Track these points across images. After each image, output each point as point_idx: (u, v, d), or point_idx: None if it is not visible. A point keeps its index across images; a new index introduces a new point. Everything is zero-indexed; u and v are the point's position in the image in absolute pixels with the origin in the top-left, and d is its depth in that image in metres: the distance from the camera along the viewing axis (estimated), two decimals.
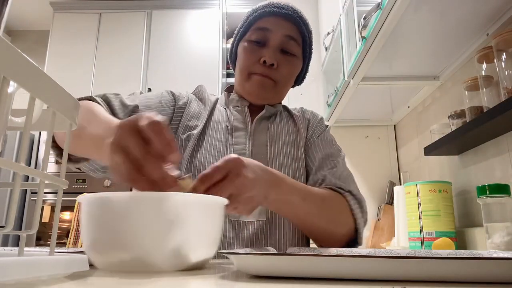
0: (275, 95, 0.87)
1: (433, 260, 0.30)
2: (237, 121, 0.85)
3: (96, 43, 2.77)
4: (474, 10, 1.10)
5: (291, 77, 0.88)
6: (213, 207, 0.44)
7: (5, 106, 0.26)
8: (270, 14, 0.84)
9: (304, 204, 0.67)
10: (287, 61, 0.85)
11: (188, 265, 0.42)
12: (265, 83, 0.83)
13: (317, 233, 0.73)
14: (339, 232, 0.72)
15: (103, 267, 0.41)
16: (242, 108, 0.87)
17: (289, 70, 0.86)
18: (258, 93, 0.85)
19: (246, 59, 0.84)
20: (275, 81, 0.84)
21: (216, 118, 0.86)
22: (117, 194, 0.40)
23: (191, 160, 0.79)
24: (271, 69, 0.83)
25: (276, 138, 0.86)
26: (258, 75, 0.83)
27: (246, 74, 0.85)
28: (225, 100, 0.91)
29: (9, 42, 0.23)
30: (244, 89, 0.87)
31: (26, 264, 0.24)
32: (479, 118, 1.06)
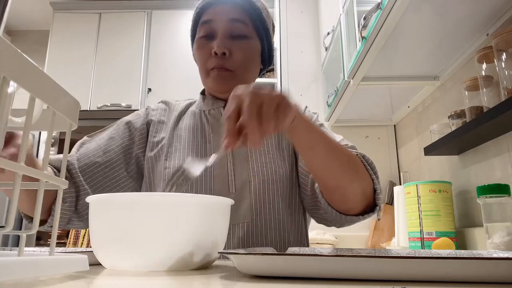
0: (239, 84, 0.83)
1: (433, 260, 0.30)
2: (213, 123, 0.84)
3: (96, 43, 2.77)
4: (474, 10, 1.09)
5: (249, 61, 0.83)
6: (218, 208, 0.45)
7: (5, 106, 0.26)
8: (210, 5, 0.82)
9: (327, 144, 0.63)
10: (239, 45, 0.81)
11: (194, 266, 0.42)
12: (223, 75, 0.80)
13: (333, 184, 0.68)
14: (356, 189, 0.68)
15: (110, 267, 0.42)
16: (217, 110, 0.85)
17: (244, 54, 0.81)
18: (220, 88, 0.81)
19: (200, 57, 0.83)
20: (232, 70, 0.80)
21: (189, 122, 0.85)
22: (124, 195, 0.41)
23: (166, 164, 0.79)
24: (224, 59, 0.79)
25: None
26: (215, 70, 0.80)
27: (204, 71, 0.82)
28: (201, 103, 0.89)
29: (9, 42, 0.23)
30: (208, 87, 0.84)
31: (26, 264, 0.24)
32: (479, 118, 1.06)
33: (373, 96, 1.77)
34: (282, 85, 2.31)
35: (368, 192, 0.71)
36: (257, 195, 0.77)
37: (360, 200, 0.70)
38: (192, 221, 0.41)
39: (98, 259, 0.43)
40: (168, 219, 0.40)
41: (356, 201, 0.70)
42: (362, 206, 0.71)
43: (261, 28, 0.85)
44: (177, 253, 0.40)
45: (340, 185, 0.67)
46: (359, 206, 0.71)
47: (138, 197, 0.41)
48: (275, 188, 0.79)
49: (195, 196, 0.43)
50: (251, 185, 0.78)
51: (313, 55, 2.38)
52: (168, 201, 0.41)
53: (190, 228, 0.41)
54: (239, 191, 0.77)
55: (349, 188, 0.68)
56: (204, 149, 0.81)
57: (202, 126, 0.84)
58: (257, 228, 0.75)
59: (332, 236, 1.89)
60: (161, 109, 0.90)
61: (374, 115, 2.06)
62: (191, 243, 0.41)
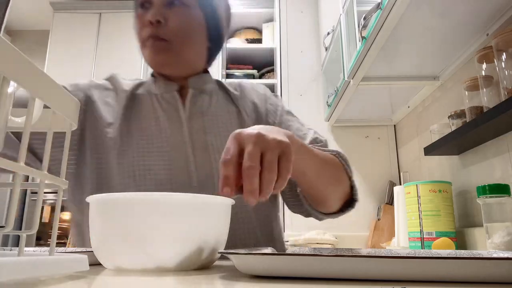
0: (176, 58, 0.75)
1: (433, 260, 0.30)
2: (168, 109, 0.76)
3: (96, 43, 2.77)
4: (474, 10, 1.10)
5: (188, 31, 0.75)
6: (220, 207, 0.45)
7: (5, 106, 0.26)
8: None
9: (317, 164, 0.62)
10: (176, 12, 0.74)
11: (194, 266, 0.42)
12: (157, 45, 0.73)
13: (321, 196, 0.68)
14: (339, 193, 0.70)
15: (111, 267, 0.42)
16: (171, 94, 0.78)
17: (181, 22, 0.74)
18: (156, 59, 0.74)
19: (137, 27, 0.76)
20: (167, 40, 0.73)
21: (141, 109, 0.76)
22: (125, 195, 0.41)
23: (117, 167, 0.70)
24: (160, 27, 0.72)
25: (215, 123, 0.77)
26: (149, 39, 0.73)
27: (140, 43, 0.76)
28: (151, 84, 0.80)
29: (9, 42, 0.23)
30: (146, 60, 0.76)
31: (26, 264, 0.24)
32: (479, 118, 1.06)
33: (373, 96, 1.77)
34: (282, 85, 2.31)
35: (347, 191, 0.72)
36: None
37: (341, 201, 0.72)
38: (193, 221, 0.41)
39: (98, 259, 0.43)
40: (169, 219, 0.40)
41: (338, 203, 0.71)
42: (341, 204, 0.73)
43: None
44: (178, 253, 0.40)
45: (326, 197, 0.69)
46: (339, 205, 0.73)
47: (140, 197, 0.41)
48: None
49: (197, 196, 0.43)
50: (214, 177, 0.71)
51: (313, 55, 2.38)
52: (169, 201, 0.41)
53: (192, 228, 0.41)
54: (201, 184, 0.70)
55: (333, 197, 0.69)
56: (160, 138, 0.73)
57: (155, 112, 0.76)
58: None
59: (332, 236, 1.89)
60: (105, 88, 0.80)
61: (374, 115, 2.06)
62: (192, 243, 0.41)
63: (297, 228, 2.00)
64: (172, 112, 0.76)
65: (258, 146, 0.46)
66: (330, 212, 0.73)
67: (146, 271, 0.39)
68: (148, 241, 0.39)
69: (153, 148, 0.72)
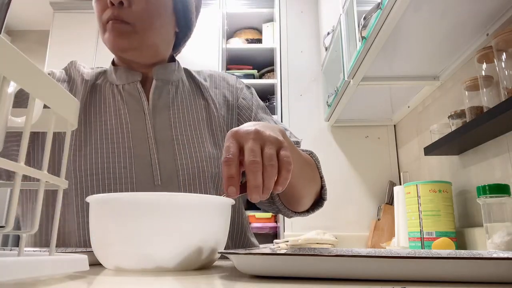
0: (141, 42, 0.70)
1: (433, 260, 0.30)
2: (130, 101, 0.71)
3: (96, 43, 2.77)
4: (474, 10, 1.09)
5: (154, 14, 0.69)
6: (220, 207, 0.45)
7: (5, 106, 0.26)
8: None
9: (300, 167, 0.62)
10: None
11: (194, 266, 0.42)
12: (119, 28, 0.67)
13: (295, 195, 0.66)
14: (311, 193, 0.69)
15: (111, 267, 0.42)
16: (133, 85, 0.72)
17: (146, 5, 0.68)
18: (117, 43, 0.68)
19: (96, 10, 0.70)
20: (130, 23, 0.67)
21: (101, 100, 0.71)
22: (125, 195, 0.41)
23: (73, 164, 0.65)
24: (122, 9, 0.66)
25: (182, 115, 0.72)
26: (110, 22, 0.67)
27: (101, 27, 0.70)
28: (113, 75, 0.74)
29: (9, 42, 0.23)
30: (106, 45, 0.71)
31: (26, 264, 0.24)
32: (479, 118, 1.06)
33: (373, 96, 1.77)
34: (282, 85, 2.31)
35: (318, 191, 0.72)
36: (186, 186, 0.67)
37: (312, 200, 0.72)
38: (193, 221, 0.41)
39: (98, 259, 0.43)
40: (169, 219, 0.40)
41: (309, 202, 0.71)
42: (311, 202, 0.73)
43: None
44: (178, 253, 0.40)
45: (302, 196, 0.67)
46: (310, 204, 0.72)
47: (140, 197, 0.41)
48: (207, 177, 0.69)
49: (197, 196, 0.43)
50: (179, 176, 0.67)
51: (313, 55, 2.38)
52: (169, 201, 0.41)
53: (192, 228, 0.41)
54: (165, 183, 0.67)
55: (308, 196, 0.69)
56: (121, 133, 0.68)
57: (116, 104, 0.71)
58: None
59: (332, 236, 1.89)
60: (63, 80, 0.75)
61: (374, 115, 2.06)
62: (192, 243, 0.41)
63: (297, 228, 2.00)
64: (135, 104, 0.71)
65: (257, 142, 0.46)
66: (301, 211, 0.73)
67: (146, 271, 0.39)
68: (148, 241, 0.39)
69: (113, 144, 0.67)
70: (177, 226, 0.40)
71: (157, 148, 0.68)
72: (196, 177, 0.68)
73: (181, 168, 0.68)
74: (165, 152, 0.69)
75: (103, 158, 0.66)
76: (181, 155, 0.69)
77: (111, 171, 0.66)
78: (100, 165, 0.65)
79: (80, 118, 0.69)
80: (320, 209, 0.75)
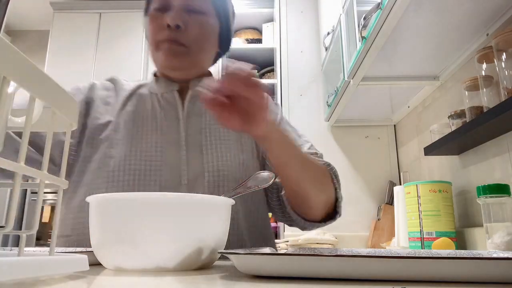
0: (192, 62, 0.77)
1: (433, 260, 0.30)
2: (167, 107, 0.77)
3: (96, 43, 2.77)
4: (474, 10, 1.09)
5: (206, 39, 0.77)
6: (220, 207, 0.45)
7: (5, 106, 0.26)
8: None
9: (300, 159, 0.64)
10: (195, 19, 0.74)
11: (194, 266, 0.42)
12: (175, 49, 0.74)
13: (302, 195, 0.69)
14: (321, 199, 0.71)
15: (110, 267, 0.42)
16: (171, 93, 0.78)
17: (201, 30, 0.75)
18: (171, 63, 0.75)
19: (151, 29, 0.76)
20: (186, 46, 0.74)
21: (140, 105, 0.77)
22: (125, 195, 0.41)
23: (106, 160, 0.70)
24: (178, 32, 0.73)
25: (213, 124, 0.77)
26: (165, 43, 0.73)
27: (154, 45, 0.76)
28: (153, 85, 0.81)
29: (9, 42, 0.23)
30: (157, 63, 0.78)
31: (26, 264, 0.24)
32: (479, 118, 1.06)
33: (373, 96, 1.77)
34: (282, 85, 2.31)
35: (330, 201, 0.73)
36: (211, 188, 0.71)
37: (323, 209, 0.73)
38: (193, 221, 0.41)
39: (98, 259, 0.43)
40: (169, 219, 0.40)
41: (320, 210, 0.72)
42: (324, 213, 0.74)
43: (220, 7, 0.79)
44: (178, 253, 0.40)
45: (308, 198, 0.69)
46: (322, 214, 0.74)
47: (140, 197, 0.41)
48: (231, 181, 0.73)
49: (197, 196, 0.43)
50: (204, 177, 0.71)
51: (313, 55, 2.38)
52: (169, 201, 0.41)
53: (192, 228, 0.41)
54: (191, 183, 0.70)
55: (316, 200, 0.70)
56: (156, 135, 0.73)
57: (154, 110, 0.76)
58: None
59: (332, 236, 1.89)
60: (107, 88, 0.81)
61: (374, 115, 2.06)
62: (192, 243, 0.41)
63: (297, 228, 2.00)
64: (171, 110, 0.77)
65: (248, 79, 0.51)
66: (312, 219, 0.74)
67: (146, 271, 0.39)
68: (148, 241, 0.39)
69: (147, 143, 0.72)
70: (177, 226, 0.40)
71: (187, 150, 0.73)
72: (220, 180, 0.72)
73: (207, 171, 0.72)
74: (194, 155, 0.73)
75: (136, 157, 0.71)
76: (207, 158, 0.73)
77: (142, 167, 0.70)
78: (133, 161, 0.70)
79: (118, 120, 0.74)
80: (332, 222, 0.76)
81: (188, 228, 0.41)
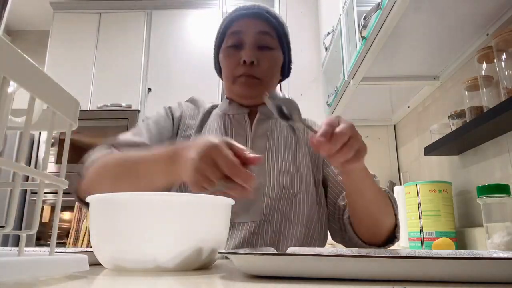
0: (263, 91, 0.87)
1: (433, 260, 0.30)
2: (237, 127, 0.88)
3: (96, 43, 2.77)
4: (474, 10, 1.09)
5: (274, 70, 0.90)
6: (219, 208, 0.45)
7: (5, 106, 0.26)
8: (240, 17, 0.88)
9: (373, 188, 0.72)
10: (265, 55, 0.87)
11: (194, 266, 0.42)
12: (251, 82, 0.86)
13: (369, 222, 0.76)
14: (386, 225, 0.76)
15: (110, 267, 0.42)
16: (241, 115, 0.90)
17: (270, 64, 0.88)
18: (247, 93, 0.87)
19: (228, 65, 0.88)
20: (259, 78, 0.86)
21: (212, 124, 0.89)
22: (125, 195, 0.41)
23: None
24: (252, 67, 0.85)
25: (275, 143, 0.88)
26: (242, 77, 0.86)
27: (231, 79, 0.88)
28: (226, 106, 0.93)
29: (9, 42, 0.23)
30: (233, 93, 0.90)
31: (26, 264, 0.24)
32: (479, 118, 1.06)
33: (373, 96, 1.77)
34: (282, 85, 2.31)
35: (391, 227, 0.79)
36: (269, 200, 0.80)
37: (385, 234, 0.78)
38: (193, 221, 0.41)
39: (98, 259, 0.43)
40: (169, 219, 0.40)
41: (384, 235, 0.78)
42: (384, 239, 0.79)
43: (284, 41, 0.92)
44: (178, 253, 0.40)
45: (374, 224, 0.75)
46: (381, 240, 0.79)
47: (139, 197, 0.41)
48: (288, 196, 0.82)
49: (196, 196, 0.43)
50: (264, 189, 0.80)
51: (313, 55, 2.38)
52: (169, 201, 0.41)
53: (192, 228, 0.41)
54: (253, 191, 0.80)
55: (380, 226, 0.76)
56: None
57: (226, 128, 0.88)
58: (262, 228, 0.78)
59: None
60: (190, 108, 0.95)
61: (374, 115, 2.06)
62: (192, 243, 0.41)
63: None
64: (240, 130, 0.88)
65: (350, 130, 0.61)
66: (373, 243, 0.79)
67: (146, 271, 0.39)
68: (148, 241, 0.39)
69: None
70: (177, 226, 0.40)
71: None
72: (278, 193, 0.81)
73: (267, 184, 0.81)
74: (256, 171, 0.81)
75: None
76: (269, 173, 0.82)
77: None
78: None
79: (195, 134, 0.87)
80: (391, 246, 0.80)
81: (188, 228, 0.41)
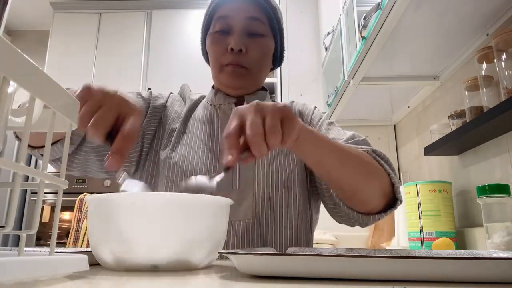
0: (252, 82, 0.84)
1: (433, 260, 0.30)
2: (223, 118, 0.83)
3: (96, 43, 2.77)
4: (474, 10, 1.10)
5: (264, 59, 0.83)
6: (218, 208, 0.45)
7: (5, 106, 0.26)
8: (227, 1, 0.81)
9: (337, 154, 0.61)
10: (255, 43, 0.81)
11: (194, 266, 0.42)
12: (238, 72, 0.80)
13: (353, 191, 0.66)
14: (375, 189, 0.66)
15: (109, 267, 0.42)
16: (228, 105, 0.85)
17: (260, 52, 0.81)
18: (234, 84, 0.82)
19: (214, 51, 0.82)
20: (247, 68, 0.80)
21: (199, 115, 0.85)
22: (122, 195, 0.41)
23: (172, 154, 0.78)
24: (241, 55, 0.79)
25: None
26: (229, 66, 0.80)
27: (218, 67, 0.82)
28: (212, 97, 0.88)
29: (9, 42, 0.23)
30: (220, 82, 0.84)
31: (26, 264, 0.24)
32: (479, 118, 1.06)
33: (373, 96, 1.77)
34: (282, 85, 2.31)
35: (386, 188, 0.68)
36: (260, 193, 0.75)
37: (380, 199, 0.68)
38: (192, 221, 0.41)
39: (97, 259, 0.43)
40: (168, 219, 0.40)
41: (377, 200, 0.68)
42: (383, 203, 0.69)
43: (276, 28, 0.85)
44: (178, 253, 0.40)
45: (357, 190, 0.65)
46: (380, 205, 0.69)
47: (137, 197, 0.41)
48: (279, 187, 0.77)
49: (196, 196, 0.43)
50: (255, 183, 0.76)
51: (313, 55, 2.38)
52: (168, 201, 0.41)
53: (191, 228, 0.41)
54: (242, 188, 0.76)
55: (367, 191, 0.66)
56: (212, 142, 0.80)
57: (211, 119, 0.84)
58: (257, 227, 0.74)
59: (332, 236, 1.88)
60: (178, 100, 0.91)
61: (374, 115, 2.06)
62: (191, 243, 0.41)
63: None
64: (226, 120, 0.81)
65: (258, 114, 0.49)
66: (369, 211, 0.70)
67: (145, 271, 0.39)
68: (147, 241, 0.39)
69: (204, 150, 0.79)
70: (176, 226, 0.40)
71: None
72: (270, 187, 0.77)
73: (257, 177, 0.77)
74: None
75: (193, 160, 0.77)
76: (259, 165, 0.78)
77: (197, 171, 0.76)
78: (189, 164, 0.77)
79: (181, 125, 0.83)
80: (394, 210, 0.71)
81: (187, 228, 0.41)
